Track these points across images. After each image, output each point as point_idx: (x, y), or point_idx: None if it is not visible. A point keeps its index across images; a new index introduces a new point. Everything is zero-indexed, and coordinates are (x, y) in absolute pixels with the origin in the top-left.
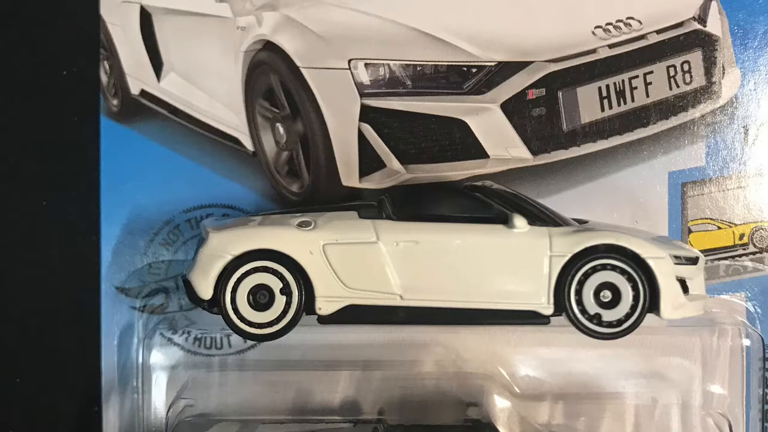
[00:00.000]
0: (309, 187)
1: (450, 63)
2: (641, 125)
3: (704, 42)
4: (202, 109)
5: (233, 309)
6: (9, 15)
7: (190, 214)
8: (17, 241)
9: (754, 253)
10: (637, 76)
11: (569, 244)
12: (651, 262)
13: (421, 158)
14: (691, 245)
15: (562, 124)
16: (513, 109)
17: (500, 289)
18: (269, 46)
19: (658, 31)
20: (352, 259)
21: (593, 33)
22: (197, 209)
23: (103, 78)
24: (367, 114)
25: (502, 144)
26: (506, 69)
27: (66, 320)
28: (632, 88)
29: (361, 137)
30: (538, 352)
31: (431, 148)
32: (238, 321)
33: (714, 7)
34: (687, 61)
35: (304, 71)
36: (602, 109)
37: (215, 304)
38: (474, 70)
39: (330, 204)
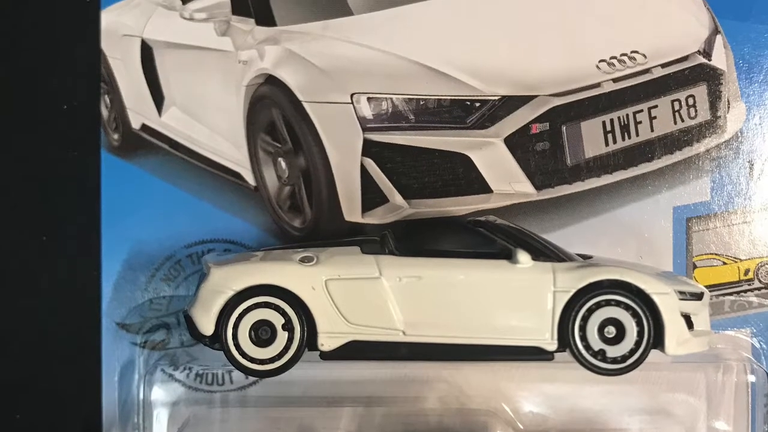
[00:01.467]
0: (311, 222)
1: (453, 97)
2: (646, 160)
3: (709, 76)
4: (204, 143)
5: (235, 345)
6: (9, 48)
7: (192, 250)
8: (17, 276)
9: (759, 289)
10: (641, 111)
11: (573, 280)
12: (656, 298)
13: (424, 193)
14: (696, 281)
15: (566, 158)
16: (516, 143)
17: (504, 325)
18: (271, 80)
19: (663, 65)
20: (355, 294)
21: (597, 67)
22: (198, 244)
23: (104, 112)
24: (369, 148)
25: (505, 179)
26: (510, 103)
27: (66, 356)
28: (637, 123)
29: (364, 172)
30: (541, 388)
31: (434, 182)
32: (240, 357)
33: (719, 40)
34: (692, 96)
35: (306, 105)
36: (606, 144)
37: (217, 340)
38: (477, 105)
39: (332, 239)
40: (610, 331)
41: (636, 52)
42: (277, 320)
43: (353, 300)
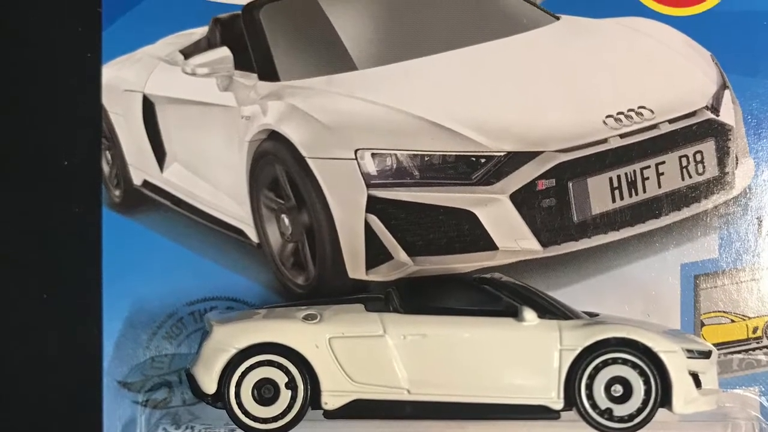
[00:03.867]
0: (315, 280)
1: (458, 153)
2: (653, 216)
3: (717, 132)
4: (206, 200)
5: (237, 403)
6: (10, 104)
7: (194, 307)
8: (17, 333)
9: (767, 347)
10: (648, 167)
11: (580, 338)
12: (663, 356)
13: (428, 250)
14: (704, 339)
15: (573, 215)
16: (522, 200)
17: (509, 384)
18: (274, 136)
19: (671, 121)
20: (359, 352)
21: (604, 122)
22: (201, 302)
23: (105, 168)
24: (373, 205)
25: (511, 235)
26: (515, 159)
27: (67, 415)
28: (644, 179)
29: (368, 229)
30: None
31: (439, 239)
32: (243, 416)
33: (727, 96)
34: (699, 151)
35: (309, 161)
36: (613, 200)
37: (219, 399)
38: (483, 161)
39: (336, 297)
40: (617, 389)
41: (643, 107)
42: (281, 379)
43: (357, 358)
